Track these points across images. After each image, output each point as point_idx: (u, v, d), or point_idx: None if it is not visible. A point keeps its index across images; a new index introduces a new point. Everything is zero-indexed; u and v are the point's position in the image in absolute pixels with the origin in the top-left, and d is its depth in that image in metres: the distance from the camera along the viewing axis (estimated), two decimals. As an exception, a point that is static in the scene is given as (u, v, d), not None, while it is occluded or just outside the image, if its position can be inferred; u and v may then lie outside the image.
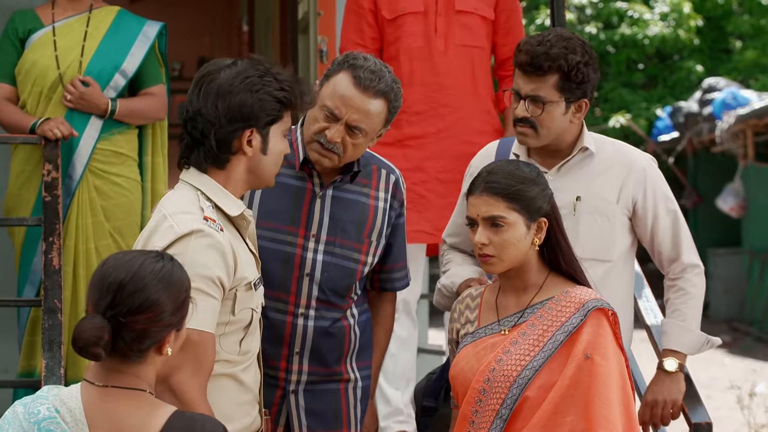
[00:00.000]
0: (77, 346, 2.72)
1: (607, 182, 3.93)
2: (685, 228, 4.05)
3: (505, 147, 4.04)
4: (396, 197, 3.94)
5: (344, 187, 3.84)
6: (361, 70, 3.70)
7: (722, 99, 15.58)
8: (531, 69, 3.84)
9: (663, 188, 4.04)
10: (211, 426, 2.80)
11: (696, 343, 4.00)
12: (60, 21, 5.16)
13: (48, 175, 4.87)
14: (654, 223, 3.99)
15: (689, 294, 4.01)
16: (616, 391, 3.36)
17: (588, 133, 3.99)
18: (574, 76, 3.84)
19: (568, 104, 3.87)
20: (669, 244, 4.02)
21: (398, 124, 5.05)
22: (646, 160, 4.04)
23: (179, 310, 2.83)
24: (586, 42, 3.96)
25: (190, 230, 3.12)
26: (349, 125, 3.69)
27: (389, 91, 3.72)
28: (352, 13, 5.15)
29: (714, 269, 16.51)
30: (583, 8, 17.91)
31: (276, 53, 8.11)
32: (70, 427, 2.75)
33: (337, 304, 3.83)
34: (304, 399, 3.81)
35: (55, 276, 4.73)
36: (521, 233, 3.48)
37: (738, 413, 9.26)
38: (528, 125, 3.88)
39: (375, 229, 3.87)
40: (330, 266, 3.79)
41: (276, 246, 3.76)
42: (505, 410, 3.40)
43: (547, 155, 3.95)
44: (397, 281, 4.02)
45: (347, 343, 3.86)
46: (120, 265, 2.80)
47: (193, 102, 3.25)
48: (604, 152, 3.98)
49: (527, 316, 3.49)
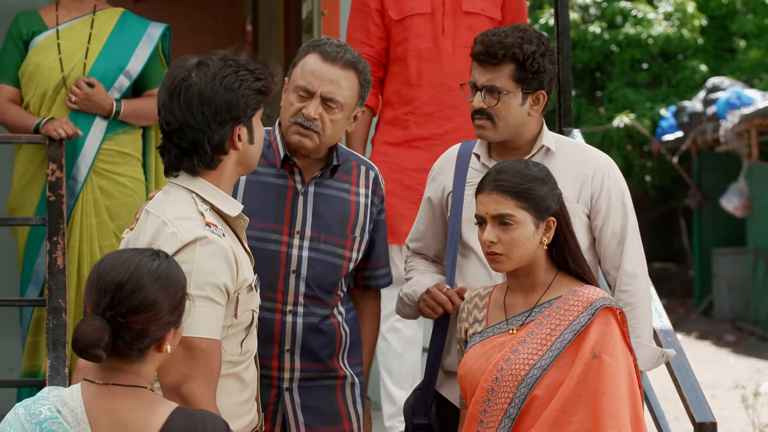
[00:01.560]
0: (77, 348, 2.72)
1: (567, 181, 3.87)
2: (635, 238, 3.92)
3: (466, 149, 4.03)
4: (376, 193, 3.95)
5: (326, 183, 3.86)
6: (326, 46, 3.78)
7: (726, 98, 15.57)
8: (486, 58, 3.83)
9: (620, 193, 3.93)
10: (212, 422, 2.81)
11: (651, 357, 3.89)
12: (64, 24, 5.16)
13: (52, 175, 4.87)
14: (604, 225, 3.91)
15: (635, 307, 3.86)
16: (624, 389, 3.36)
17: (548, 132, 3.96)
18: (530, 65, 3.82)
19: (525, 95, 3.85)
20: (613, 250, 3.90)
21: (406, 125, 5.05)
22: (607, 160, 3.98)
23: (177, 307, 2.84)
24: (543, 34, 3.93)
25: (195, 237, 3.10)
26: (324, 98, 3.74)
27: (357, 62, 3.79)
28: (358, 12, 5.15)
29: (718, 269, 16.51)
30: (587, 8, 17.90)
31: (280, 53, 8.11)
32: (71, 427, 2.75)
33: (324, 301, 3.83)
34: (300, 396, 3.81)
35: (59, 275, 4.73)
36: (530, 232, 3.49)
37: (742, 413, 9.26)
38: (485, 117, 3.85)
39: (358, 224, 3.88)
40: (316, 262, 3.80)
41: (261, 245, 3.76)
42: (513, 409, 3.40)
43: (507, 153, 3.92)
44: (380, 278, 4.03)
45: (338, 340, 3.87)
46: (117, 265, 2.80)
47: (176, 113, 3.21)
48: (564, 151, 3.95)
49: (535, 315, 3.49)
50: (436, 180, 4.06)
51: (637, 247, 3.93)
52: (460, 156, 4.01)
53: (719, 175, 17.08)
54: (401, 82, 5.07)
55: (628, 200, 3.96)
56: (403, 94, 5.06)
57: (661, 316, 4.54)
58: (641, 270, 3.92)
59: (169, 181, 3.29)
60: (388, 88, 5.11)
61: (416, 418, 3.94)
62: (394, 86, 5.08)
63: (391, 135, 5.07)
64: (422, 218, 4.09)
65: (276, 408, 3.80)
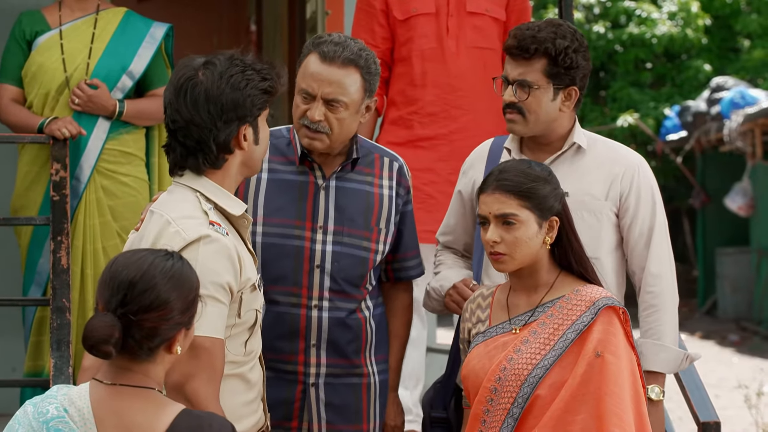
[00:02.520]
0: (88, 344, 2.73)
1: (597, 179, 3.88)
2: (663, 239, 3.90)
3: (498, 144, 4.03)
4: (401, 184, 3.96)
5: (347, 177, 3.87)
6: (324, 45, 3.76)
7: (730, 98, 15.56)
8: (518, 52, 3.82)
9: (650, 193, 3.92)
10: (218, 424, 2.81)
11: (674, 360, 3.86)
12: (67, 23, 5.15)
13: (56, 174, 4.87)
14: (632, 224, 3.89)
15: (658, 309, 3.86)
16: (627, 389, 3.36)
17: (580, 129, 3.95)
18: (562, 60, 3.81)
19: (557, 91, 3.84)
20: (640, 250, 3.88)
21: (410, 125, 5.05)
22: (638, 159, 3.97)
23: (189, 308, 2.84)
24: (578, 30, 3.92)
25: (199, 236, 3.11)
26: (325, 100, 3.74)
27: (357, 59, 3.77)
28: (362, 12, 5.14)
29: (722, 268, 16.50)
30: (591, 7, 17.90)
31: (284, 53, 8.11)
32: (78, 426, 2.75)
33: (351, 294, 3.84)
34: (325, 392, 3.82)
35: (63, 275, 4.73)
36: (533, 231, 3.49)
37: (746, 412, 9.25)
38: (516, 111, 3.84)
39: (382, 216, 3.89)
40: (341, 256, 3.82)
41: (285, 241, 3.78)
42: (516, 409, 3.40)
43: (538, 150, 3.92)
44: (411, 269, 4.03)
45: (364, 335, 3.87)
46: (130, 263, 2.81)
47: (182, 111, 3.21)
48: (595, 150, 3.94)
49: (538, 315, 3.49)
50: (467, 174, 4.05)
51: (664, 249, 3.91)
52: (492, 150, 4.01)
53: (723, 175, 17.07)
54: (405, 82, 5.07)
55: (658, 200, 3.94)
56: (407, 94, 5.06)
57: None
58: (668, 271, 3.91)
59: (173, 180, 3.29)
60: (392, 89, 5.11)
61: (434, 411, 3.94)
62: (398, 86, 5.08)
63: (395, 135, 5.07)
64: (453, 212, 4.08)
65: (302, 405, 3.81)
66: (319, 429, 3.83)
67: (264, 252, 3.79)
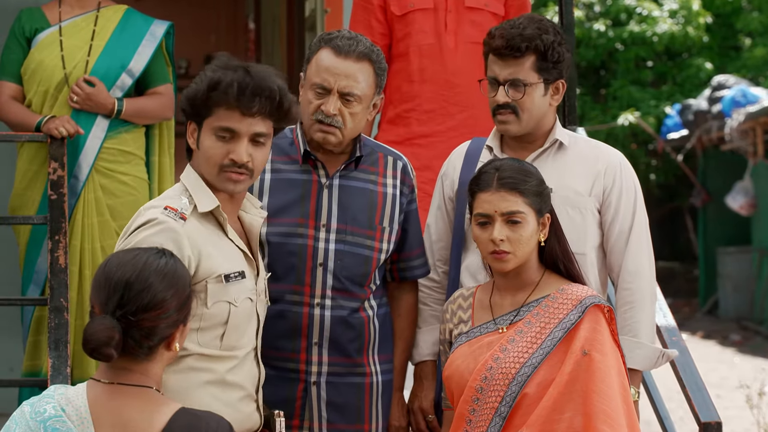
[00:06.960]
0: (88, 348, 2.74)
1: (580, 175, 3.89)
2: (642, 237, 3.90)
3: (476, 145, 4.03)
4: (405, 183, 3.97)
5: (351, 175, 3.88)
6: (337, 40, 3.79)
7: (732, 96, 15.55)
8: (508, 52, 3.83)
9: (632, 190, 3.93)
10: (215, 423, 2.82)
11: (650, 357, 3.85)
12: (67, 20, 5.14)
13: (54, 173, 4.86)
14: (612, 221, 3.90)
15: (634, 306, 3.85)
16: (615, 387, 3.37)
17: (561, 127, 3.98)
18: (551, 55, 3.84)
19: (547, 85, 3.88)
20: (620, 247, 3.88)
21: (408, 122, 5.03)
22: (619, 156, 3.99)
23: (185, 305, 2.87)
24: (555, 23, 3.95)
25: (147, 220, 3.20)
26: (341, 93, 3.76)
27: (370, 53, 3.80)
28: (360, 8, 5.13)
29: (723, 268, 16.49)
30: (592, 5, 17.90)
31: (283, 51, 8.10)
32: (75, 426, 2.77)
33: (354, 293, 3.84)
34: (326, 391, 3.82)
35: (61, 275, 4.72)
36: (533, 229, 3.51)
37: (747, 412, 9.24)
38: (509, 111, 3.86)
39: (386, 215, 3.89)
40: (344, 254, 3.82)
41: (289, 240, 3.79)
42: (504, 408, 3.40)
43: (520, 148, 3.93)
44: (416, 269, 4.02)
45: (367, 334, 3.87)
46: (124, 263, 2.81)
47: None
48: (577, 146, 3.96)
49: (523, 314, 3.50)
50: (448, 176, 4.06)
51: (643, 246, 3.91)
52: (470, 152, 4.02)
53: (724, 174, 17.06)
54: (403, 78, 5.05)
55: (639, 198, 3.96)
56: (404, 90, 5.04)
57: (665, 316, 4.54)
58: (646, 269, 3.90)
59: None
60: (389, 86, 5.08)
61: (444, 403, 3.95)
62: (395, 83, 5.06)
63: (393, 134, 5.05)
64: (436, 229, 4.06)
65: (304, 403, 3.81)
66: (320, 428, 3.82)
67: (267, 250, 3.80)
